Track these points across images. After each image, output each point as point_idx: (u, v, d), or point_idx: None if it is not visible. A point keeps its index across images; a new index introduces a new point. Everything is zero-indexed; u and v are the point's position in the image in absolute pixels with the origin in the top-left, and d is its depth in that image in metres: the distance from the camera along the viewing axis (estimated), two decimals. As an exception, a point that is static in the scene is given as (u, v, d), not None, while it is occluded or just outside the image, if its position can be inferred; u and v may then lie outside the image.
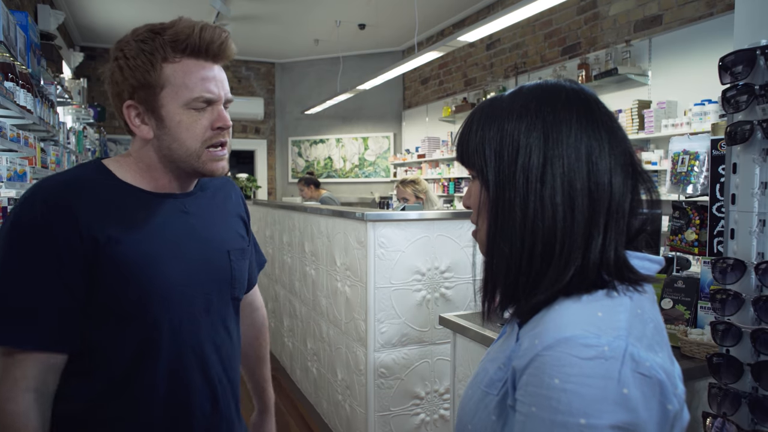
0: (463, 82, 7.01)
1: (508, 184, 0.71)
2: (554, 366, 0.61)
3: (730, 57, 1.18)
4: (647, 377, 0.61)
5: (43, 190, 0.98)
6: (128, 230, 0.99)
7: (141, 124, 1.02)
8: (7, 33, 2.41)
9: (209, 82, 1.01)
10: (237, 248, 1.18)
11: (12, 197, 2.43)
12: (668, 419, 0.62)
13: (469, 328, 1.84)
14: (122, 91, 1.01)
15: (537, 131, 0.71)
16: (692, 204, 1.69)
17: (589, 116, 0.72)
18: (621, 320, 0.64)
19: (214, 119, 1.03)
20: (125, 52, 1.00)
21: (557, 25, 5.35)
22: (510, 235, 0.71)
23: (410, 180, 3.76)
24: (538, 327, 0.67)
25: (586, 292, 0.67)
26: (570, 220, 0.69)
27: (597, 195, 0.69)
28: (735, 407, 1.17)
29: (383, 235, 2.49)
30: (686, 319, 1.58)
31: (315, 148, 9.14)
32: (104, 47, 8.17)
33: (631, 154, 0.73)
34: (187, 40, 0.99)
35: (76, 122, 5.75)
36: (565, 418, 0.59)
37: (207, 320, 1.10)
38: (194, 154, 1.03)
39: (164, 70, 0.99)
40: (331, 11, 6.69)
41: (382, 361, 2.54)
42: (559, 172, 0.69)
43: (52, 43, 4.43)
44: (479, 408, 0.72)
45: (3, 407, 0.93)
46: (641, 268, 0.72)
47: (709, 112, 3.51)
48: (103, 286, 0.97)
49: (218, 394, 1.11)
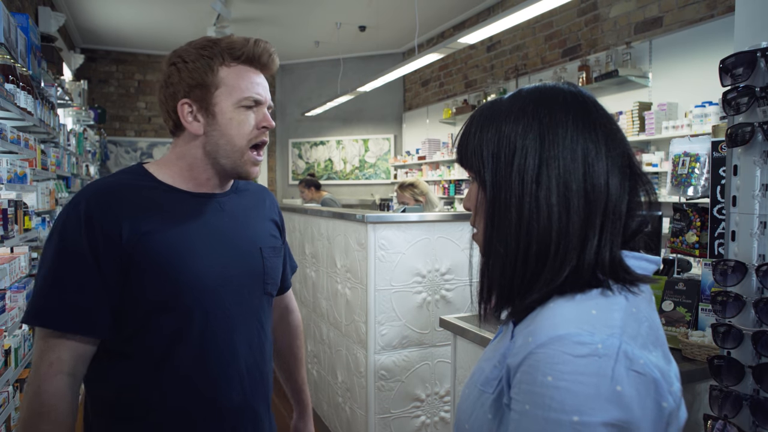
0: (463, 84, 7.01)
1: (504, 185, 0.72)
2: (547, 363, 0.61)
3: (730, 59, 1.18)
4: (641, 375, 0.61)
5: (88, 190, 1.09)
6: (164, 225, 1.08)
7: (193, 120, 1.12)
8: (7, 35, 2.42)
9: (258, 86, 1.14)
10: (269, 245, 1.24)
11: (12, 199, 2.43)
12: (663, 417, 0.62)
13: (469, 330, 1.83)
14: (177, 91, 1.11)
15: (533, 133, 0.71)
16: (693, 206, 1.69)
17: (585, 118, 0.72)
18: (615, 318, 0.64)
19: (260, 119, 1.13)
20: (184, 57, 1.11)
21: (558, 27, 5.35)
22: (506, 235, 0.72)
23: (408, 183, 3.73)
24: (532, 325, 0.67)
25: (580, 291, 0.68)
26: (565, 221, 0.69)
27: (593, 196, 0.70)
28: (736, 410, 1.17)
29: (384, 237, 2.49)
30: (687, 322, 1.57)
31: (315, 149, 9.15)
32: (105, 49, 8.19)
33: (630, 156, 0.73)
34: (242, 49, 1.12)
35: (76, 124, 5.75)
36: (558, 416, 0.60)
37: (239, 313, 1.15)
38: (239, 151, 1.12)
39: (220, 72, 1.11)
40: (331, 13, 6.70)
41: (382, 364, 2.54)
42: (555, 174, 0.70)
43: (53, 45, 4.44)
44: (476, 407, 0.73)
45: (41, 387, 1.00)
46: (638, 268, 0.72)
47: (710, 114, 3.51)
48: (139, 277, 1.05)
49: (247, 385, 1.15)
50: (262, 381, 1.20)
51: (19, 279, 2.48)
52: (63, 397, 1.01)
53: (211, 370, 1.10)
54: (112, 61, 8.27)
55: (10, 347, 2.20)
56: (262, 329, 1.21)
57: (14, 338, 2.31)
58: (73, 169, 4.66)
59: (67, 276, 1.02)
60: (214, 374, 1.11)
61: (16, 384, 2.32)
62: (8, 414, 2.14)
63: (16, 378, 2.28)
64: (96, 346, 1.06)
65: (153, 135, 8.50)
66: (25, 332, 2.45)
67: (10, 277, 2.29)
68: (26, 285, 2.51)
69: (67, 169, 4.27)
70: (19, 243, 2.50)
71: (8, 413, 2.14)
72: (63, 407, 1.00)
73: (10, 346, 2.21)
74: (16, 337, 2.33)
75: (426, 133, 7.75)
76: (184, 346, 1.08)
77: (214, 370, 1.11)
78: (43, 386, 1.00)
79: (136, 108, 8.42)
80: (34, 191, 3.12)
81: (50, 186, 3.55)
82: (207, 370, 1.10)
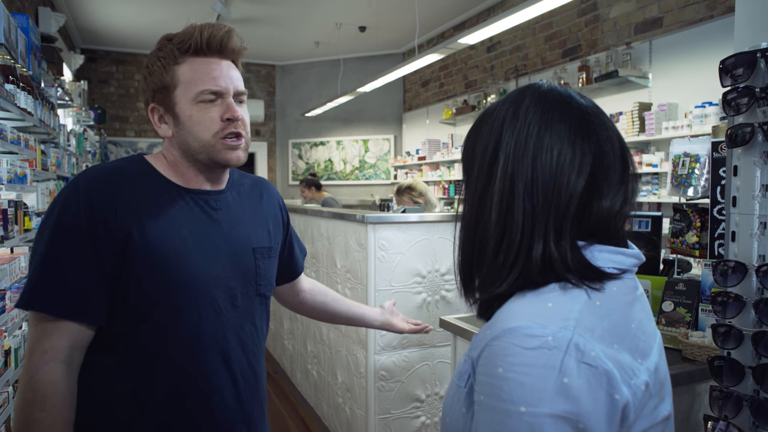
0: (463, 84, 7.01)
1: (469, 183, 0.76)
2: (499, 355, 0.63)
3: (730, 60, 1.18)
4: (592, 367, 0.62)
5: (88, 174, 1.07)
6: (157, 223, 1.06)
7: (162, 123, 1.12)
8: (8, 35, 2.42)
9: (215, 76, 1.08)
10: (263, 246, 1.22)
11: (12, 199, 2.43)
12: (617, 409, 0.62)
13: (469, 331, 1.83)
14: (148, 97, 1.12)
15: (495, 131, 0.74)
16: (693, 206, 1.69)
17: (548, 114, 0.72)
18: (572, 311, 0.65)
19: (223, 111, 1.08)
20: (147, 62, 1.11)
21: (558, 28, 5.35)
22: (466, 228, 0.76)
23: (406, 187, 3.70)
24: (492, 319, 0.69)
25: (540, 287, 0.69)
26: (510, 215, 0.70)
27: (539, 194, 0.70)
28: (736, 410, 1.17)
29: (384, 237, 2.49)
30: (687, 322, 1.57)
31: (315, 150, 9.15)
32: (105, 50, 8.19)
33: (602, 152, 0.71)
34: (189, 41, 1.07)
35: (76, 124, 5.76)
36: (506, 406, 0.61)
37: (232, 314, 1.14)
38: (208, 145, 1.09)
39: (176, 71, 1.08)
40: (331, 13, 6.70)
41: (382, 364, 2.54)
42: (502, 171, 0.71)
43: (53, 46, 4.44)
44: (454, 401, 0.74)
45: (34, 376, 0.97)
46: (612, 262, 0.71)
47: (710, 114, 3.51)
48: (131, 272, 1.03)
49: (241, 388, 1.14)
50: (256, 384, 1.19)
51: (19, 279, 2.48)
52: (57, 385, 0.97)
53: (204, 371, 1.09)
54: (112, 61, 8.28)
55: (10, 347, 2.20)
56: (255, 331, 1.19)
57: (14, 338, 2.31)
58: (73, 169, 4.66)
59: (65, 259, 1.00)
60: (207, 376, 1.09)
61: (15, 384, 2.32)
62: (8, 414, 2.14)
63: (16, 378, 2.28)
64: (92, 334, 1.03)
65: (153, 135, 8.50)
66: (25, 333, 2.45)
67: (10, 277, 2.29)
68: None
69: (67, 170, 4.26)
70: (19, 243, 2.50)
71: (8, 413, 2.14)
72: (58, 396, 0.97)
73: (10, 346, 2.21)
74: (16, 338, 2.33)
75: (426, 134, 7.75)
76: (176, 344, 1.06)
77: (207, 371, 1.09)
78: (37, 375, 0.97)
79: (136, 108, 8.42)
80: (34, 192, 3.12)
81: (50, 186, 3.55)
82: (199, 371, 1.08)
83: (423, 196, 3.65)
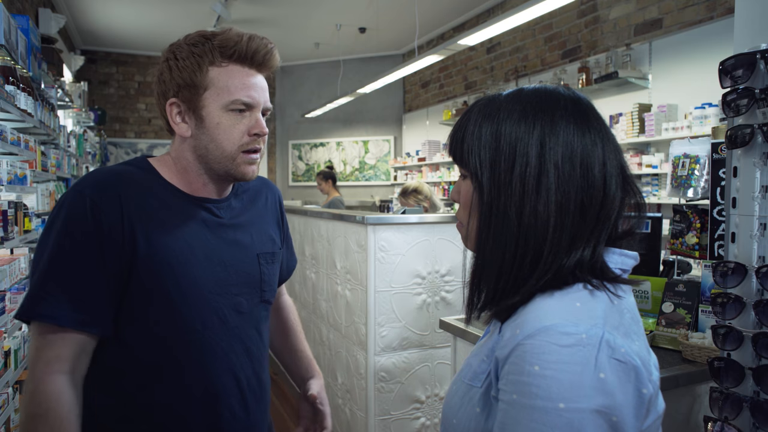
0: (463, 85, 7.01)
1: (504, 191, 0.72)
2: (534, 353, 0.63)
3: (730, 61, 1.18)
4: (623, 363, 0.63)
5: (93, 178, 1.03)
6: (163, 231, 1.03)
7: (181, 121, 1.07)
8: (8, 36, 2.42)
9: (251, 88, 1.06)
10: (267, 252, 1.20)
11: (12, 200, 2.43)
12: (644, 403, 0.64)
13: (469, 332, 1.83)
14: (168, 90, 1.06)
15: (534, 139, 0.71)
16: (693, 207, 1.69)
17: (585, 126, 0.73)
18: (598, 310, 0.67)
19: (251, 125, 1.06)
20: (176, 54, 1.05)
21: (557, 29, 5.36)
22: (503, 242, 0.72)
23: (412, 190, 3.69)
24: (519, 318, 0.69)
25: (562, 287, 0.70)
26: (560, 230, 0.70)
27: (589, 205, 0.71)
28: (736, 411, 1.17)
29: (384, 238, 2.49)
30: (687, 323, 1.57)
31: (315, 151, 9.15)
32: (105, 51, 8.20)
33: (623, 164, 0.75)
34: (234, 47, 1.04)
35: (76, 125, 5.76)
36: (544, 404, 0.61)
37: (238, 322, 1.12)
38: (229, 157, 1.06)
39: (210, 72, 1.04)
40: (331, 15, 6.70)
41: (382, 365, 2.54)
42: (554, 182, 0.70)
43: (53, 47, 4.44)
44: (464, 402, 0.74)
45: (38, 388, 0.94)
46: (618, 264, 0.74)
47: (710, 115, 3.52)
48: (137, 281, 1.01)
49: (248, 396, 1.13)
50: (261, 391, 1.17)
51: (19, 281, 2.48)
52: (62, 397, 0.94)
53: (211, 381, 1.07)
54: (112, 62, 8.28)
55: (9, 349, 2.20)
56: (260, 338, 1.18)
57: (14, 339, 2.31)
58: (73, 170, 4.66)
59: (71, 268, 0.96)
60: (214, 385, 1.07)
61: (15, 385, 2.32)
62: (8, 416, 2.14)
63: (15, 380, 2.27)
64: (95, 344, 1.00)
65: (153, 136, 8.50)
66: (25, 334, 2.44)
67: (9, 278, 2.29)
68: (26, 286, 2.51)
69: (67, 171, 4.27)
70: (19, 244, 2.50)
71: (8, 415, 2.14)
72: (62, 408, 0.94)
73: (10, 347, 2.21)
74: (16, 339, 2.33)
75: (426, 135, 7.75)
76: (181, 353, 1.04)
77: (213, 380, 1.07)
78: (40, 387, 0.94)
79: (136, 109, 8.42)
80: (34, 193, 3.12)
81: (50, 187, 3.55)
82: (206, 381, 1.06)
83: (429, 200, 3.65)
